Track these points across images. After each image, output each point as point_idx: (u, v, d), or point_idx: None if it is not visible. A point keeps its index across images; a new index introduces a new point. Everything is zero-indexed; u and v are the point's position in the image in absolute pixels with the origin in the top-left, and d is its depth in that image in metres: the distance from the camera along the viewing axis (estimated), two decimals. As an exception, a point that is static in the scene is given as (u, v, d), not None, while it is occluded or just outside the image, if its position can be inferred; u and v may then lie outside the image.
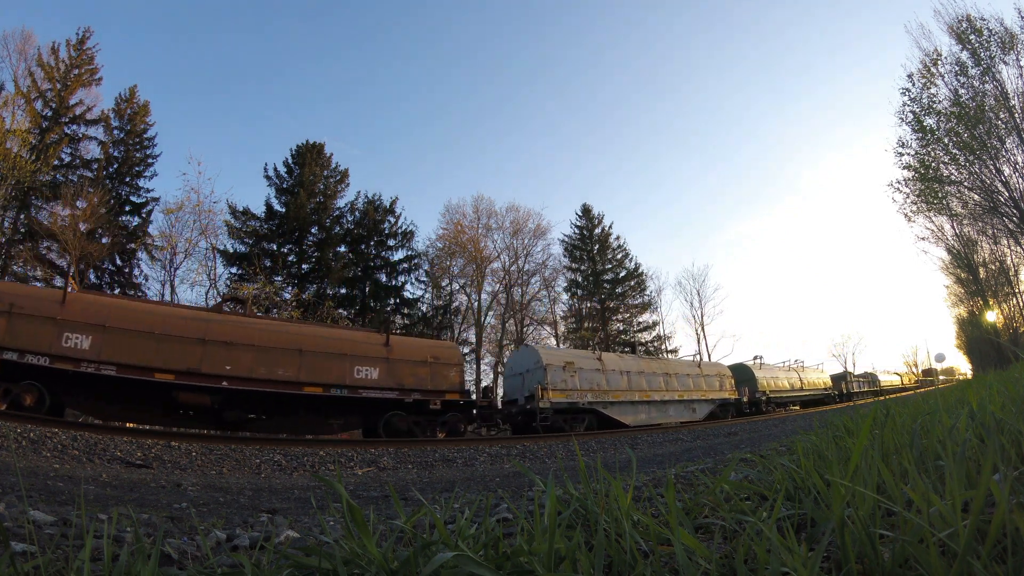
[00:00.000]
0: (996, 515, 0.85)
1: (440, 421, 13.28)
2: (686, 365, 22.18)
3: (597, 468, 1.62)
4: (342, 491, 1.23)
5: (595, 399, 16.55)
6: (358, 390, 12.22)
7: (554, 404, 15.17)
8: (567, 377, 16.03)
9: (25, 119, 24.84)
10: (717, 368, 23.73)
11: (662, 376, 19.70)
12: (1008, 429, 1.48)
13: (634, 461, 1.67)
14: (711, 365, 24.18)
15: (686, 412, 20.02)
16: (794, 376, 29.98)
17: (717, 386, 22.19)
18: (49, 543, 1.72)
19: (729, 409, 22.41)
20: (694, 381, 21.12)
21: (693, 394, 20.55)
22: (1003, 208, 19.61)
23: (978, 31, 18.51)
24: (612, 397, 17.12)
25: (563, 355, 17.21)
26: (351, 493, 4.71)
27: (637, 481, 2.02)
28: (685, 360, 24.69)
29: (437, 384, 13.47)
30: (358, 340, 13.05)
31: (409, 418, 12.73)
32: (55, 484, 4.32)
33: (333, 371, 12.06)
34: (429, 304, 34.26)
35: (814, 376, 32.33)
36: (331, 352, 12.23)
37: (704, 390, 21.32)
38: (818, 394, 31.37)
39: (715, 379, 22.40)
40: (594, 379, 17.05)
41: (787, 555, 0.92)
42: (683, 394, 20.02)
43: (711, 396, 21.44)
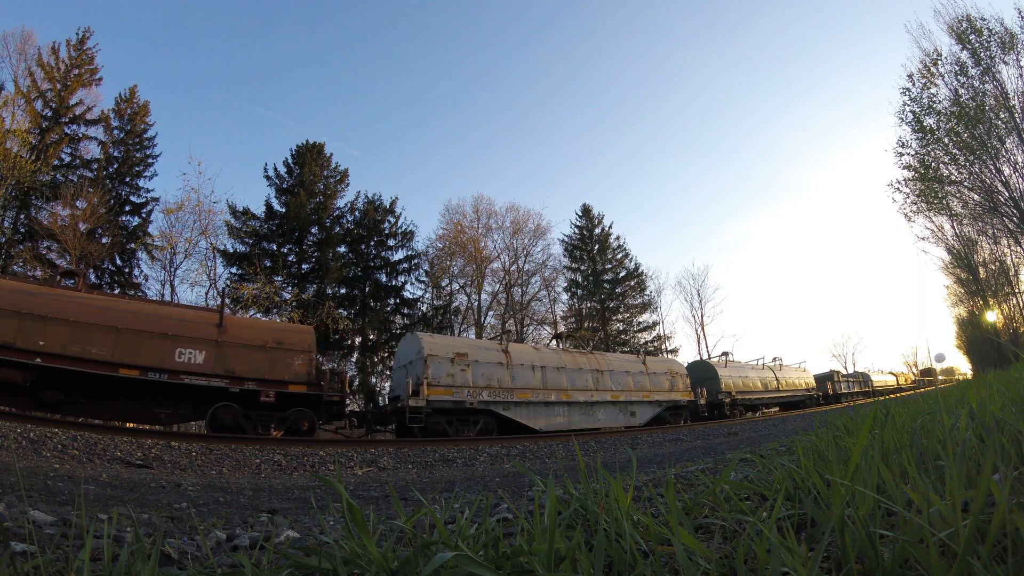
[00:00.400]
0: (996, 515, 0.85)
1: (279, 417, 11.60)
2: (626, 361, 19.47)
3: (597, 468, 1.62)
4: (342, 491, 1.23)
5: (493, 398, 14.11)
6: (180, 375, 10.74)
7: (433, 402, 12.98)
8: (456, 371, 13.72)
9: (25, 119, 24.84)
10: (668, 365, 20.89)
11: (590, 373, 17.10)
12: (1008, 429, 1.48)
13: (634, 461, 1.67)
14: (660, 361, 21.37)
15: (621, 416, 17.44)
16: (768, 375, 27.09)
17: (666, 386, 19.55)
18: (49, 543, 1.72)
19: (682, 413, 19.84)
20: (635, 379, 18.48)
21: (633, 394, 17.92)
22: (1003, 208, 19.61)
23: (978, 31, 18.51)
24: (518, 396, 14.62)
25: (454, 345, 14.83)
26: (351, 493, 4.71)
27: (637, 481, 2.02)
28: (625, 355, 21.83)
29: (277, 373, 11.74)
30: (185, 319, 11.50)
31: (241, 411, 11.16)
32: (55, 484, 4.32)
33: (151, 352, 10.67)
34: (429, 304, 34.28)
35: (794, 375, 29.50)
36: (151, 331, 10.80)
37: (648, 390, 18.65)
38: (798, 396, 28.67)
39: (663, 377, 19.65)
40: (494, 374, 14.54)
41: (787, 555, 0.92)
42: (618, 395, 17.44)
43: (657, 397, 18.85)
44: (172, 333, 11.02)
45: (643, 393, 18.48)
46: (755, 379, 25.74)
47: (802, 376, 30.24)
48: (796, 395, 28.46)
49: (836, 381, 33.33)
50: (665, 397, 19.26)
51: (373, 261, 32.62)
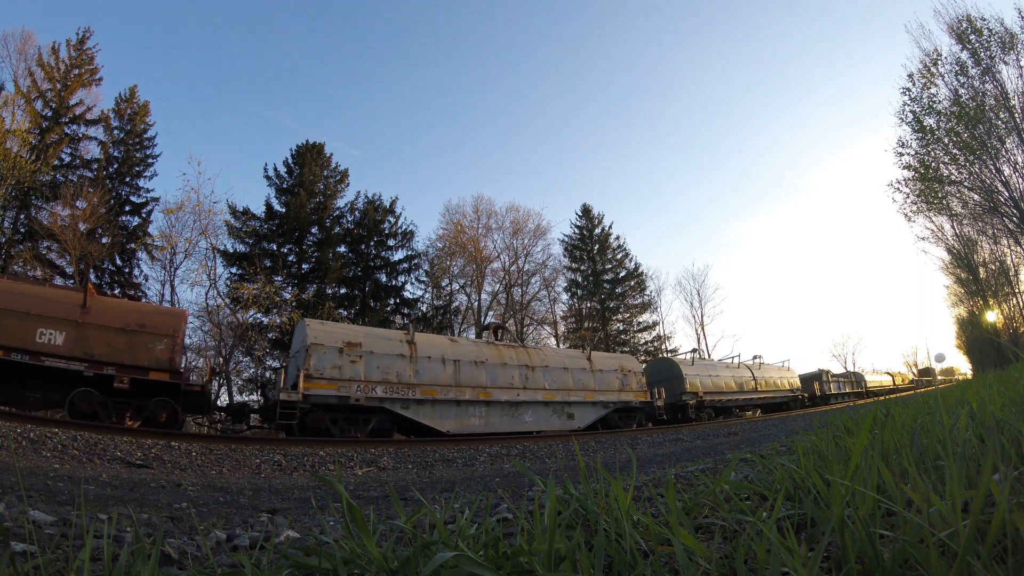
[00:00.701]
0: (996, 515, 0.85)
1: (136, 406, 10.74)
2: (565, 356, 17.39)
3: (597, 468, 1.62)
4: (342, 491, 1.23)
5: (389, 394, 12.49)
6: (40, 357, 10.12)
7: (313, 397, 11.54)
8: (344, 362, 12.18)
9: (25, 119, 24.84)
10: (619, 362, 18.46)
11: (518, 369, 15.04)
12: (1008, 429, 1.48)
13: (634, 461, 1.67)
14: (609, 357, 18.99)
15: (556, 418, 15.41)
16: (744, 375, 24.74)
17: (616, 385, 17.33)
18: (49, 543, 1.72)
19: (635, 416, 17.71)
20: (576, 377, 16.41)
21: (572, 394, 15.89)
22: (1003, 208, 19.61)
23: (978, 31, 18.51)
24: (422, 393, 12.95)
25: (346, 333, 13.13)
26: (351, 493, 4.71)
27: (637, 481, 2.02)
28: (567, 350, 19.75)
29: (138, 358, 10.80)
30: (47, 297, 10.83)
31: (99, 398, 10.41)
32: (55, 484, 4.32)
33: (14, 332, 10.08)
34: (429, 304, 34.29)
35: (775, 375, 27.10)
36: (13, 309, 10.22)
37: (591, 389, 16.49)
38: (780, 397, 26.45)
39: (612, 376, 17.39)
40: (394, 367, 12.89)
41: (787, 555, 0.92)
42: (552, 394, 15.41)
43: (603, 398, 16.68)
44: (35, 312, 10.37)
45: (585, 392, 16.31)
46: (728, 379, 23.54)
47: (785, 376, 27.98)
48: (778, 396, 26.31)
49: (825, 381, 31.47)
50: (613, 398, 16.99)
51: (373, 261, 32.63)
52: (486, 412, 14.14)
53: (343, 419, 11.97)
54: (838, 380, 33.37)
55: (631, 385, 17.87)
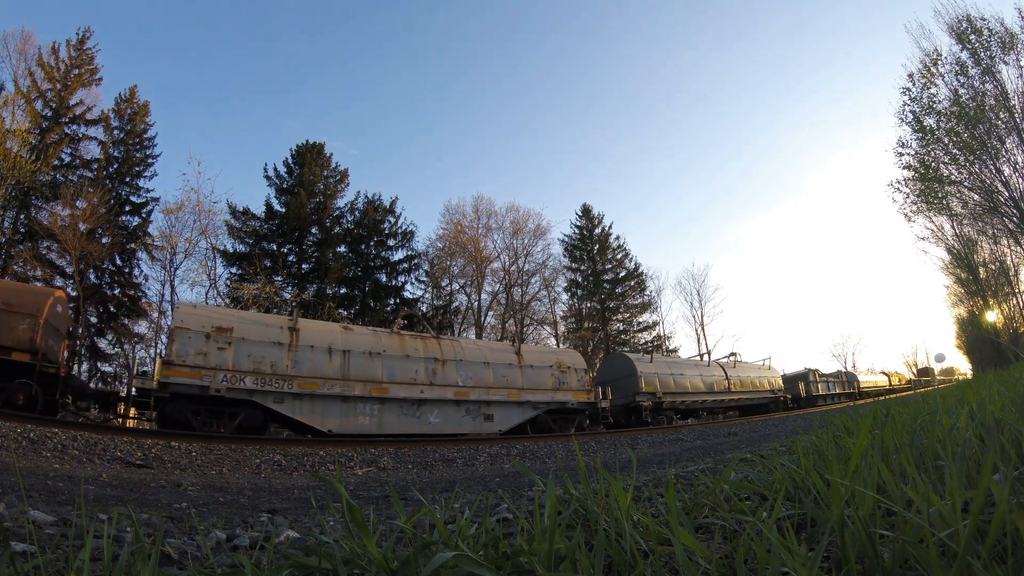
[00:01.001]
0: (996, 515, 0.85)
1: None
2: (487, 349, 15.22)
3: (597, 468, 1.62)
4: (342, 491, 1.23)
5: (260, 385, 11.13)
6: None
7: (173, 386, 10.34)
8: (211, 349, 10.93)
9: (25, 119, 24.85)
10: (557, 357, 16.34)
11: (423, 362, 13.30)
12: (1008, 429, 1.48)
13: (634, 461, 1.67)
14: (544, 352, 16.96)
15: (469, 419, 13.52)
16: (716, 374, 22.65)
17: (550, 383, 15.29)
18: (49, 543, 1.72)
19: (575, 419, 15.64)
20: (498, 373, 14.33)
21: (492, 392, 14.01)
22: (1003, 208, 19.62)
23: (978, 31, 18.52)
24: (300, 386, 11.50)
25: (216, 316, 11.68)
26: (351, 493, 4.71)
27: (637, 481, 2.02)
28: (489, 343, 17.43)
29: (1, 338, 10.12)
30: None
31: None
32: (55, 484, 4.32)
33: None
34: (429, 304, 34.29)
35: (754, 374, 24.83)
36: None
37: (517, 387, 14.49)
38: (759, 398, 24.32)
39: (546, 372, 15.37)
40: (268, 356, 11.48)
41: (787, 555, 0.92)
42: (466, 391, 13.62)
43: (533, 397, 14.72)
44: None
45: (509, 391, 14.29)
46: (694, 377, 21.36)
47: (765, 375, 25.76)
48: (756, 398, 24.17)
49: (812, 381, 29.35)
50: (545, 397, 14.97)
51: (373, 261, 32.64)
52: (379, 410, 12.44)
53: (206, 412, 10.76)
54: (827, 380, 31.32)
55: (570, 383, 15.73)
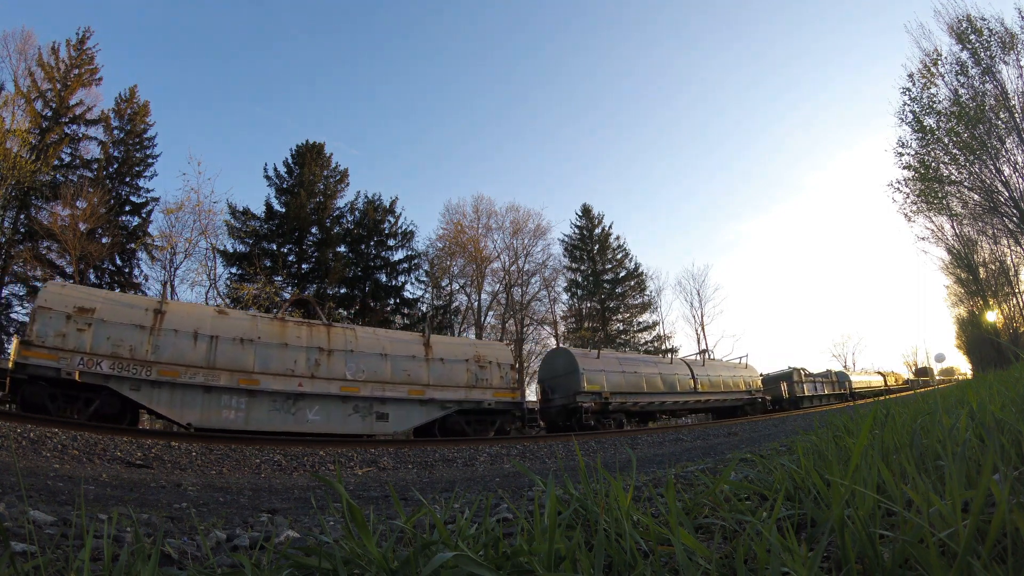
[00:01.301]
0: (996, 515, 0.85)
1: None
2: (385, 339, 13.53)
3: (597, 468, 1.62)
4: (342, 491, 1.23)
5: (117, 371, 10.36)
6: None
7: (31, 367, 9.76)
8: (70, 330, 10.28)
9: (25, 119, 24.86)
10: (475, 350, 14.52)
11: (305, 351, 12.04)
12: (1008, 429, 1.48)
13: (634, 461, 1.67)
14: (459, 344, 15.12)
15: (358, 418, 12.11)
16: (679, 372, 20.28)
17: (465, 379, 13.67)
18: (49, 543, 1.72)
19: (495, 420, 13.92)
20: (397, 366, 12.84)
21: (388, 388, 12.51)
22: (1003, 208, 19.63)
23: (978, 31, 18.53)
24: (159, 373, 10.64)
25: (80, 297, 10.87)
26: (351, 493, 4.71)
27: (637, 481, 2.02)
28: (390, 332, 15.58)
29: None
30: None
31: None
32: (55, 484, 4.32)
33: None
34: (429, 304, 34.29)
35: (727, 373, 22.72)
36: None
37: (421, 383, 13.01)
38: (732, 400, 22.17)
39: (460, 367, 13.75)
40: (128, 339, 10.62)
41: (787, 555, 0.92)
42: (354, 386, 12.20)
43: (441, 395, 13.17)
44: None
45: (411, 387, 12.78)
46: (651, 376, 19.14)
47: (740, 374, 23.59)
48: (729, 399, 22.02)
49: (796, 382, 27.15)
50: (458, 395, 13.38)
51: (373, 261, 32.63)
52: (247, 404, 11.19)
53: (62, 397, 10.20)
54: (814, 380, 29.10)
55: (490, 380, 13.97)
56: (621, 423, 17.37)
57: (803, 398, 27.03)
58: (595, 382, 16.93)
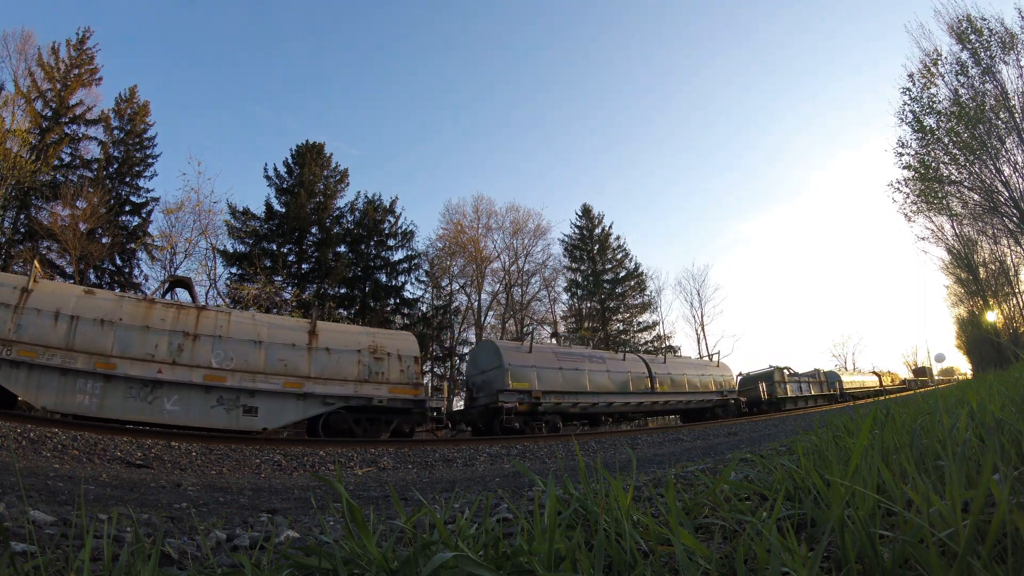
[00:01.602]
0: (996, 515, 0.85)
1: None
2: (264, 325, 12.19)
3: (597, 468, 1.62)
4: (342, 491, 1.23)
5: None
6: None
7: None
8: None
9: (25, 119, 24.86)
10: (372, 339, 13.00)
11: (167, 335, 10.90)
12: (1008, 429, 1.48)
13: (634, 461, 1.67)
14: (354, 333, 13.40)
15: (222, 411, 10.90)
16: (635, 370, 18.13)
17: (355, 372, 12.23)
18: (49, 543, 1.72)
19: (391, 420, 12.43)
20: (274, 355, 11.63)
21: (260, 379, 11.27)
22: (1003, 208, 19.64)
23: (978, 31, 18.53)
24: (20, 352, 9.85)
25: None
26: (351, 493, 4.71)
27: (637, 481, 2.02)
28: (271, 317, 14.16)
29: None
30: None
31: None
32: (55, 484, 4.32)
33: None
34: (429, 304, 34.30)
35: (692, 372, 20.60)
36: None
37: (301, 375, 11.64)
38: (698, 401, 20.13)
39: (351, 358, 12.29)
40: None
41: (787, 555, 0.92)
42: (220, 375, 11.01)
43: (324, 389, 11.74)
44: None
45: (287, 379, 11.50)
46: (598, 374, 17.03)
47: (710, 373, 21.53)
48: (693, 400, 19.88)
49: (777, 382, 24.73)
50: (345, 390, 11.93)
51: (373, 261, 32.64)
52: (102, 389, 10.36)
53: None
54: (799, 381, 26.81)
55: (387, 374, 12.55)
56: (556, 427, 15.32)
57: (786, 400, 24.85)
58: (523, 379, 14.95)
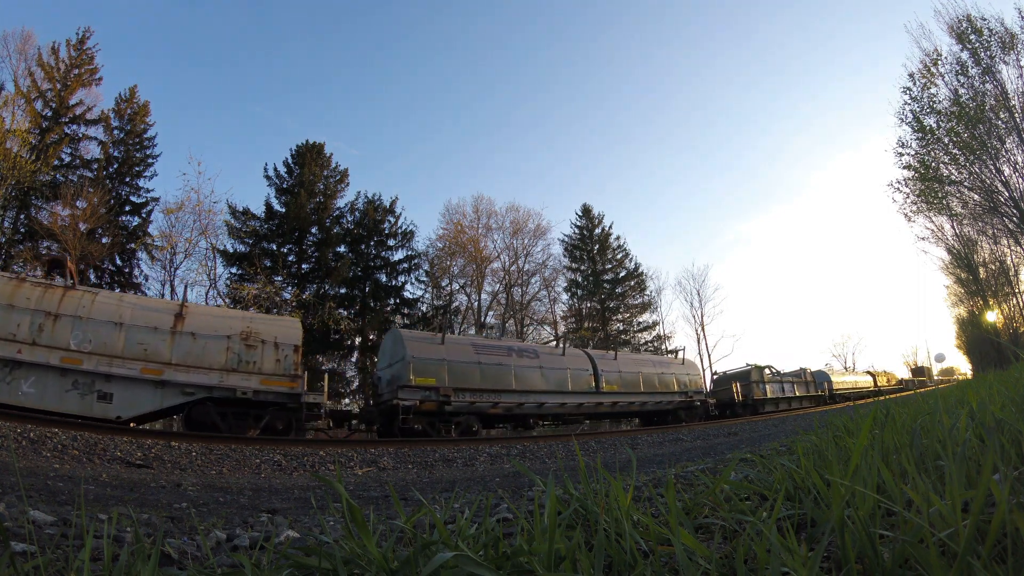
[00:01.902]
0: (996, 515, 0.85)
1: None
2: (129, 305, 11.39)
3: (597, 468, 1.62)
4: (342, 491, 1.23)
5: None
6: None
7: None
8: None
9: (25, 119, 24.85)
10: (245, 324, 12.02)
11: (30, 314, 10.31)
12: (1008, 429, 1.48)
13: (634, 461, 1.67)
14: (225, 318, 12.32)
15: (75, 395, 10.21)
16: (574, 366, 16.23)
17: (223, 360, 11.25)
18: (49, 543, 1.73)
19: (261, 413, 11.39)
20: (133, 338, 10.76)
21: (119, 364, 10.45)
22: (1003, 208, 19.63)
23: (978, 31, 18.53)
24: None
25: None
26: (351, 493, 4.71)
27: (637, 481, 2.02)
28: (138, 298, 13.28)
29: None
30: None
31: None
32: (55, 484, 4.32)
33: None
34: (429, 304, 34.30)
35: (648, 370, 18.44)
36: None
37: (161, 361, 10.73)
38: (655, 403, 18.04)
39: (219, 344, 11.37)
40: None
41: (787, 555, 0.92)
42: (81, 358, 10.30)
43: (186, 377, 10.80)
44: None
45: (146, 364, 10.56)
46: (525, 370, 15.02)
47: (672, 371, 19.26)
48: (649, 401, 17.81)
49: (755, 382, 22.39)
50: (211, 380, 10.97)
51: (373, 261, 32.63)
52: None
53: None
54: (782, 381, 24.56)
55: (259, 363, 11.51)
56: (470, 429, 13.47)
57: (764, 401, 22.47)
58: (428, 374, 13.27)
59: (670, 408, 18.66)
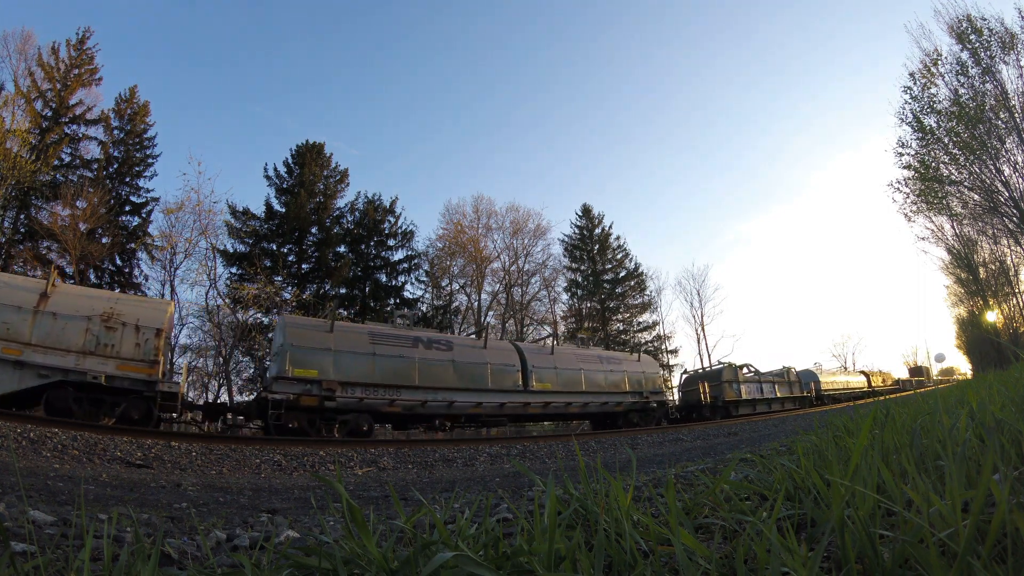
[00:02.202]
0: (996, 515, 0.85)
1: None
2: None
3: (597, 468, 1.62)
4: (342, 491, 1.23)
5: None
6: None
7: None
8: None
9: (25, 119, 24.86)
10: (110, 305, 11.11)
11: None
12: (1008, 429, 1.48)
13: (634, 461, 1.67)
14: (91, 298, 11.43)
15: None
16: (496, 361, 14.44)
17: (80, 341, 10.37)
18: (49, 543, 1.73)
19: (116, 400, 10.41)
20: None
21: None
22: (1003, 208, 19.63)
23: (978, 31, 18.53)
24: None
25: None
26: (351, 493, 4.71)
27: (637, 481, 2.02)
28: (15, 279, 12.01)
29: None
30: None
31: None
32: (55, 484, 4.32)
33: None
34: (429, 304, 34.29)
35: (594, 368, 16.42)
36: None
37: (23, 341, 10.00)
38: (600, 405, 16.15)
39: (79, 325, 10.50)
40: None
41: (787, 555, 0.92)
42: None
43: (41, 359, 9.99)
44: None
45: (7, 344, 9.89)
46: (433, 363, 13.33)
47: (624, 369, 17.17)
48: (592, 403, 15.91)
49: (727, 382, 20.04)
50: (66, 363, 10.15)
51: (373, 261, 32.64)
52: None
53: None
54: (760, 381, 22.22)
55: (117, 347, 10.58)
56: (361, 429, 11.94)
57: (738, 403, 20.19)
58: (310, 365, 11.72)
59: (619, 411, 16.62)
